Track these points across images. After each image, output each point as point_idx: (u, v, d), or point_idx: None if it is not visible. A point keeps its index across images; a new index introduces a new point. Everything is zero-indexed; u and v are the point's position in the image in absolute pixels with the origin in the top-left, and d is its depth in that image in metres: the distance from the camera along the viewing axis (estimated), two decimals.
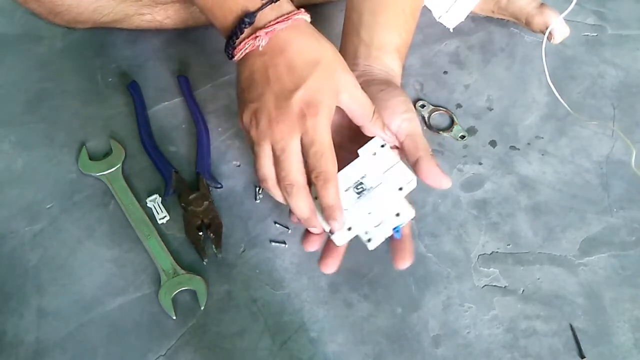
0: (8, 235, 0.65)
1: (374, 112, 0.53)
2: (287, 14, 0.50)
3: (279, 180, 0.51)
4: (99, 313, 0.60)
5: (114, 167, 0.70)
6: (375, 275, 0.63)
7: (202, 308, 0.60)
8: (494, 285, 0.63)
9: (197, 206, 0.66)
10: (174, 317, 0.60)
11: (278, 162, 0.50)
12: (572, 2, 0.71)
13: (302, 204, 0.51)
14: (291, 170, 0.49)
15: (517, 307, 0.61)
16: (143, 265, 0.63)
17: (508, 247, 0.65)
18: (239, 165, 0.71)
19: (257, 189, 0.68)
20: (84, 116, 0.75)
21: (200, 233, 0.64)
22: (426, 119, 0.76)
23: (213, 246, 0.64)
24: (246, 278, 0.63)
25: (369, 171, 0.53)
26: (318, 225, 0.52)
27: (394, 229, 0.52)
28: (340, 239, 0.52)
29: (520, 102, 0.78)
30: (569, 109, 0.73)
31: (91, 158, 0.71)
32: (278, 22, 0.50)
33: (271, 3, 0.50)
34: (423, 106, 0.77)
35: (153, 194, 0.68)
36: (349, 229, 0.51)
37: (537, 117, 0.77)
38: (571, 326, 0.60)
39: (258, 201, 0.68)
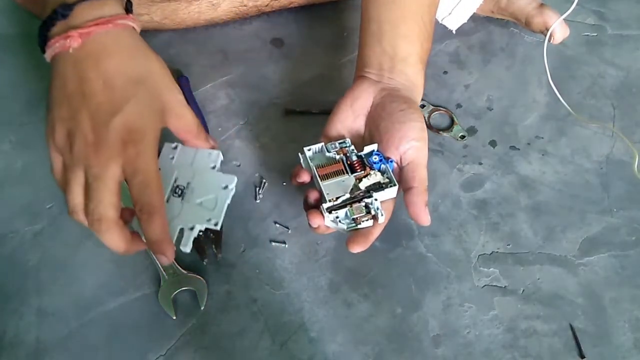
0: (8, 235, 0.65)
1: (197, 126, 0.50)
2: (110, 17, 0.44)
3: (87, 212, 0.45)
4: (99, 313, 0.60)
5: None
6: (375, 275, 0.63)
7: (202, 308, 0.60)
8: (494, 285, 0.63)
9: None
10: (174, 317, 0.60)
11: (88, 192, 0.44)
12: (573, 2, 0.71)
13: (113, 240, 0.45)
14: (101, 201, 0.43)
15: (517, 307, 0.61)
16: (143, 265, 0.63)
17: (508, 247, 0.65)
18: (239, 165, 0.71)
19: (257, 189, 0.68)
20: None
21: (201, 233, 0.64)
22: (426, 119, 0.76)
23: (213, 246, 0.64)
24: (246, 278, 0.63)
25: (178, 172, 0.53)
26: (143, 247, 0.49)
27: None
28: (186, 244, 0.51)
29: (520, 102, 0.78)
30: (570, 109, 0.73)
31: None
32: (97, 25, 0.43)
33: None
34: (423, 106, 0.77)
35: None
36: (191, 228, 0.51)
37: (537, 117, 0.77)
38: (571, 326, 0.60)
39: (258, 201, 0.68)
